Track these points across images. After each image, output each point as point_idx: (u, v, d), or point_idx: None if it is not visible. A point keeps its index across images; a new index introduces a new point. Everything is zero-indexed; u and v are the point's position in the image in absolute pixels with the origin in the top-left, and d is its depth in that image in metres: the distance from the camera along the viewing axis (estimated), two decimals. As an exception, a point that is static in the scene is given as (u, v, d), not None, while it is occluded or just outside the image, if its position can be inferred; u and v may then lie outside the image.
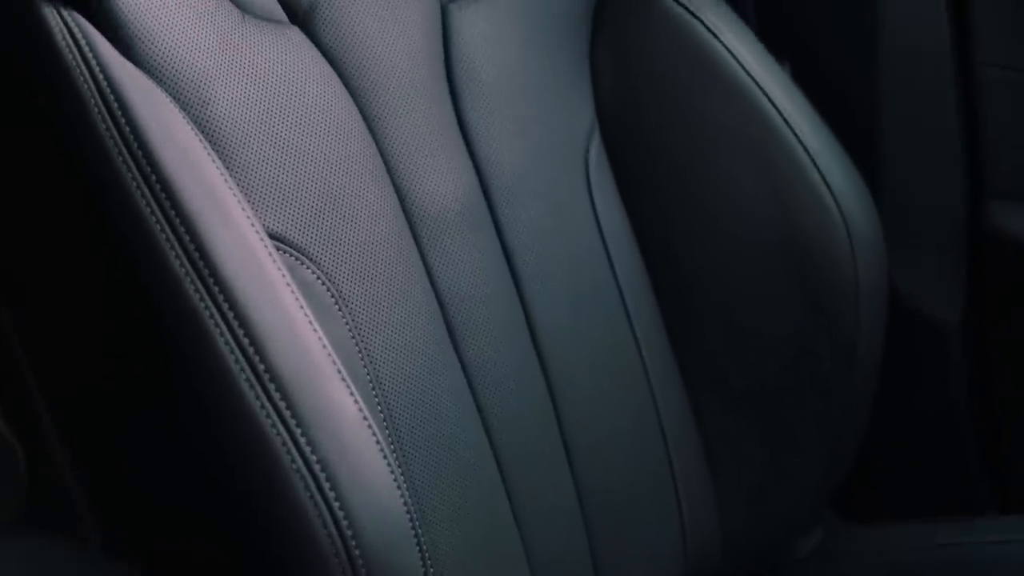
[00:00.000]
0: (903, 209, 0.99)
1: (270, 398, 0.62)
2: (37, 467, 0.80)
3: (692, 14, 0.90)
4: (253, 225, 0.66)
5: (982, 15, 0.97)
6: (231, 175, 0.68)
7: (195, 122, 0.69)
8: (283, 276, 0.65)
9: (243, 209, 0.66)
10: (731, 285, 0.92)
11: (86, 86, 0.65)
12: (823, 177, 0.88)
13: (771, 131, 0.88)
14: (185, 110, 0.68)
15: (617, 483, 0.87)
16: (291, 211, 0.71)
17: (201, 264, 0.63)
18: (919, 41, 0.97)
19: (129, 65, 0.66)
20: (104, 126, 0.65)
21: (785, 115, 0.88)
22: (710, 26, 0.90)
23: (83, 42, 0.66)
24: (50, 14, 0.66)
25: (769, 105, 0.89)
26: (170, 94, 0.68)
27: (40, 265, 0.74)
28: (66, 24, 0.66)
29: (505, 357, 0.81)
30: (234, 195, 0.66)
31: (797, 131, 0.88)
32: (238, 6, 0.75)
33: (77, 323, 0.73)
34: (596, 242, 0.89)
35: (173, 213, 0.64)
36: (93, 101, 0.65)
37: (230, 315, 0.63)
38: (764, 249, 0.90)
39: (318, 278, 0.72)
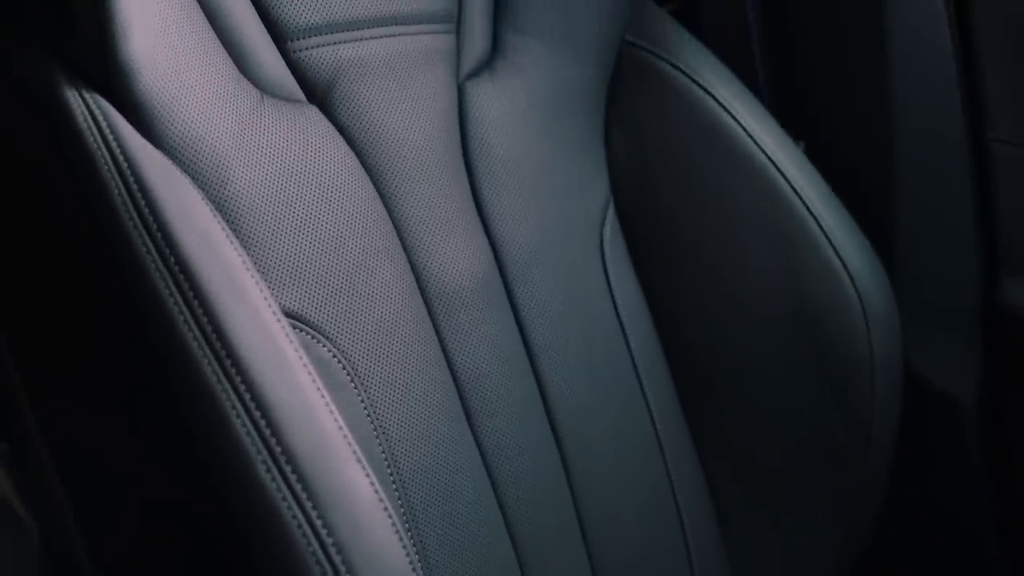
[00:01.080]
0: (918, 285, 0.99)
1: (286, 480, 0.62)
2: (50, 543, 0.80)
3: (704, 90, 0.91)
4: (270, 305, 0.66)
5: (995, 93, 0.97)
6: (248, 254, 0.69)
7: (213, 201, 0.69)
8: (300, 357, 0.65)
9: (260, 289, 0.66)
10: (744, 359, 0.92)
11: (106, 168, 0.65)
12: (837, 253, 0.88)
13: (784, 206, 0.89)
14: (203, 189, 0.69)
15: (631, 557, 0.86)
16: (307, 289, 0.72)
17: (218, 345, 0.63)
18: (932, 119, 0.97)
19: (149, 147, 0.67)
20: (123, 207, 0.65)
21: (798, 190, 0.89)
22: (722, 101, 0.91)
23: (104, 124, 0.66)
24: (72, 96, 0.67)
25: (782, 180, 0.89)
26: (188, 174, 0.69)
27: (56, 344, 0.74)
28: (87, 106, 0.67)
29: (520, 432, 0.81)
30: (251, 275, 0.66)
31: (810, 206, 0.89)
32: (257, 86, 0.75)
33: (93, 400, 0.73)
34: (610, 316, 0.89)
35: (192, 294, 0.64)
36: (114, 183, 0.65)
37: (247, 396, 0.63)
38: (778, 324, 0.90)
39: (334, 356, 0.72)
